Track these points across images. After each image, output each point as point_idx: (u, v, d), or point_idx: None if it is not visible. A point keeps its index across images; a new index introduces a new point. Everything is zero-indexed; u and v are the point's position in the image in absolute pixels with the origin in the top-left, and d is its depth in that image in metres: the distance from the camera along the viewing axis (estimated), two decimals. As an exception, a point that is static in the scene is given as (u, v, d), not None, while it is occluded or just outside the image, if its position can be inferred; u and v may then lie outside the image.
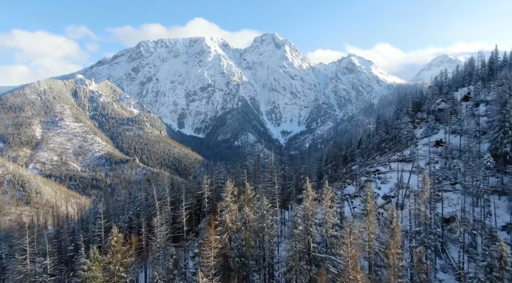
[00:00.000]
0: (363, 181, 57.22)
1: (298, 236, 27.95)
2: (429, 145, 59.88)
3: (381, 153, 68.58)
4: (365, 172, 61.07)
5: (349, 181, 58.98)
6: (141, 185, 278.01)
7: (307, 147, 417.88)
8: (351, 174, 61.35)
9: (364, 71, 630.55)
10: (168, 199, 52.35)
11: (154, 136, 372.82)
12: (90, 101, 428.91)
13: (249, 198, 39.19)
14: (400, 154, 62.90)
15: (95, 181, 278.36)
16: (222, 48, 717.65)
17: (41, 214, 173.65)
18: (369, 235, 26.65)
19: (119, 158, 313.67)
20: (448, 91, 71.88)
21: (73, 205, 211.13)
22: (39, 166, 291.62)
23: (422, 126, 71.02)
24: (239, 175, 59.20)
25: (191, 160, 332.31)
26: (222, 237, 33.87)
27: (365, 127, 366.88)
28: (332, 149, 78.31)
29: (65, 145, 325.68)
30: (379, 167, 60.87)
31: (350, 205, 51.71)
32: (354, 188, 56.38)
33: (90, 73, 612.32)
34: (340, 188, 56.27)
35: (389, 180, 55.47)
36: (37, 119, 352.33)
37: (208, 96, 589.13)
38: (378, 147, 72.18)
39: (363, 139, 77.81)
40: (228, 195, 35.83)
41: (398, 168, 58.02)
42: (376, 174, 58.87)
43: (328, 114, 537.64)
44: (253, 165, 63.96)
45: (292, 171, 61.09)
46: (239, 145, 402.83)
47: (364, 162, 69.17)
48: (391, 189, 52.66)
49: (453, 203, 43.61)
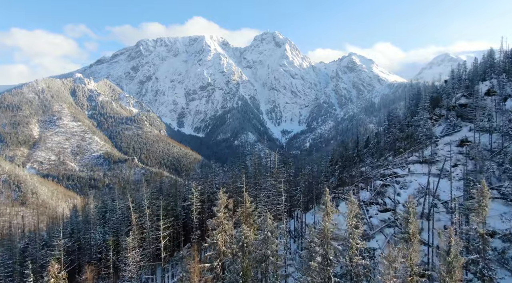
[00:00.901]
0: (379, 185, 51.51)
1: (314, 269, 20.56)
2: (451, 144, 53.94)
3: (394, 154, 63.10)
4: (380, 175, 55.47)
5: (362, 185, 53.37)
6: (140, 184, 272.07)
7: (308, 146, 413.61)
8: (364, 177, 55.41)
9: (365, 70, 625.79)
10: (146, 213, 43.10)
11: (153, 135, 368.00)
12: (88, 100, 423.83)
13: (248, 212, 30.87)
14: (418, 155, 57.15)
15: (93, 181, 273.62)
16: (222, 47, 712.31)
17: (36, 214, 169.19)
18: (411, 268, 20.11)
19: (118, 157, 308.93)
20: (469, 85, 66.13)
21: (70, 205, 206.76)
22: (36, 166, 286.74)
23: (441, 124, 65.01)
24: (237, 180, 52.64)
25: (190, 159, 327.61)
26: (213, 265, 26.99)
27: (366, 126, 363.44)
28: (338, 148, 73.13)
29: (63, 144, 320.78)
30: (396, 170, 55.26)
31: (365, 213, 45.86)
32: (369, 193, 50.40)
33: (89, 72, 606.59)
34: (353, 193, 49.32)
35: (409, 185, 49.74)
36: (35, 118, 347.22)
37: (208, 95, 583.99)
38: (392, 146, 66.30)
39: (370, 138, 72.31)
40: (221, 210, 27.91)
41: (418, 171, 52.66)
42: (393, 177, 53.04)
43: (329, 113, 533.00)
44: (253, 166, 57.61)
45: (299, 174, 54.80)
46: (239, 144, 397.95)
47: (374, 163, 63.94)
48: (413, 196, 44.93)
49: (491, 215, 38.23)
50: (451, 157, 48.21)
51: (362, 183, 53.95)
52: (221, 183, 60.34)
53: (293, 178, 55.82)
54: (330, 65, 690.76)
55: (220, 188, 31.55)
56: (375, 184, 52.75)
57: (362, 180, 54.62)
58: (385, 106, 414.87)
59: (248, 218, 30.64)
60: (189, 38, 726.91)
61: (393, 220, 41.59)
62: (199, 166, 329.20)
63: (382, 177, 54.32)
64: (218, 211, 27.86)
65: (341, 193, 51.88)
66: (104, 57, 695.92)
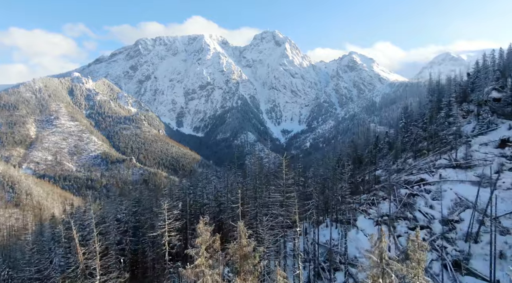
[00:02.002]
0: (404, 195, 43.78)
1: None
2: (488, 145, 46.82)
3: (415, 155, 55.64)
4: (404, 181, 47.33)
5: (382, 194, 45.72)
6: (138, 185, 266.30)
7: (308, 146, 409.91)
8: (383, 185, 48.24)
9: (365, 69, 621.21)
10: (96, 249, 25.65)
11: (152, 135, 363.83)
12: (86, 100, 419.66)
13: (244, 253, 20.21)
14: (449, 158, 48.54)
15: (90, 182, 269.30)
16: (221, 46, 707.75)
17: (30, 217, 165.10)
18: None
19: (116, 157, 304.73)
20: (499, 77, 58.68)
21: (66, 207, 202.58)
22: (32, 166, 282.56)
23: (471, 121, 56.84)
24: (234, 191, 43.53)
25: (189, 159, 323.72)
26: None
27: (367, 126, 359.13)
28: (345, 149, 67.53)
29: (60, 144, 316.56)
30: (423, 175, 46.83)
31: (391, 232, 37.36)
32: (393, 205, 42.39)
33: (88, 71, 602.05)
34: (372, 203, 42.63)
35: (443, 195, 41.26)
36: (32, 117, 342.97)
37: (207, 95, 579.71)
38: (412, 147, 58.99)
39: (380, 138, 66.20)
40: (201, 252, 18.11)
41: (451, 177, 44.21)
42: (421, 185, 44.96)
43: (329, 113, 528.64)
44: (252, 176, 45.87)
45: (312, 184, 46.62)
46: (239, 144, 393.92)
47: (390, 165, 57.24)
48: (451, 209, 38.63)
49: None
50: (491, 160, 41.56)
51: (382, 191, 46.56)
52: (214, 192, 52.46)
53: (303, 188, 47.20)
54: (331, 64, 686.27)
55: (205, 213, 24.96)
56: (399, 193, 44.87)
57: (381, 187, 47.23)
58: (386, 105, 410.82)
59: (244, 261, 20.34)
60: (188, 37, 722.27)
61: (429, 242, 33.89)
62: (198, 166, 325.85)
63: (407, 185, 46.41)
64: (198, 255, 18.04)
65: (357, 203, 45.19)
66: (102, 56, 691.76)
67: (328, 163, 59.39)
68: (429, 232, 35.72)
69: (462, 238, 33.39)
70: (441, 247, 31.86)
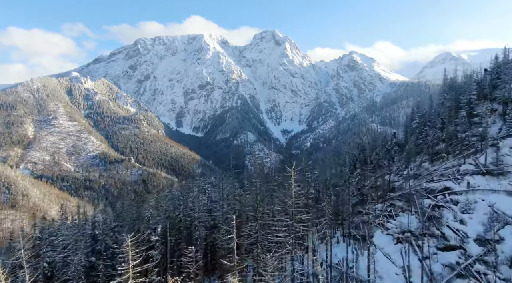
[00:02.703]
0: (428, 206, 37.87)
1: None
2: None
3: (431, 159, 50.06)
4: (425, 190, 41.41)
5: (400, 205, 39.72)
6: (137, 186, 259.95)
7: (308, 146, 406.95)
8: (401, 193, 42.16)
9: (366, 69, 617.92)
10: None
11: (151, 135, 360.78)
12: (85, 99, 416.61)
13: None
14: (474, 162, 42.73)
15: (88, 182, 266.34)
16: (221, 45, 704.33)
17: (26, 219, 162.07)
18: None
19: (114, 158, 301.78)
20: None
21: (63, 208, 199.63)
22: (30, 167, 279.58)
23: (496, 121, 51.41)
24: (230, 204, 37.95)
25: (188, 160, 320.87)
26: None
27: (368, 125, 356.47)
28: (351, 150, 62.76)
29: (58, 144, 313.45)
30: (447, 183, 41.01)
31: (417, 253, 31.58)
32: (415, 218, 36.77)
33: (87, 71, 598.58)
34: (389, 216, 36.72)
35: (474, 208, 35.88)
36: (30, 117, 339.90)
37: (207, 94, 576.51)
38: (428, 150, 53.20)
39: (387, 139, 62.04)
40: None
41: (481, 186, 38.43)
42: (445, 194, 39.11)
43: (330, 113, 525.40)
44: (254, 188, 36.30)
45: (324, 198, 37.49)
46: (239, 144, 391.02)
47: (402, 170, 51.61)
48: (486, 225, 32.66)
49: None
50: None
51: (399, 200, 40.72)
52: (207, 203, 44.97)
53: (314, 202, 39.92)
54: (331, 64, 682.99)
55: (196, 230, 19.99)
56: (421, 203, 38.88)
57: (398, 196, 41.60)
58: (387, 105, 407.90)
59: None
60: (187, 36, 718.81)
61: (465, 266, 28.69)
62: (197, 166, 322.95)
63: (429, 194, 40.29)
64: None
65: (369, 214, 38.57)
66: (101, 56, 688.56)
67: (332, 166, 55.44)
68: (463, 254, 30.53)
69: (506, 262, 27.97)
70: (480, 273, 27.01)
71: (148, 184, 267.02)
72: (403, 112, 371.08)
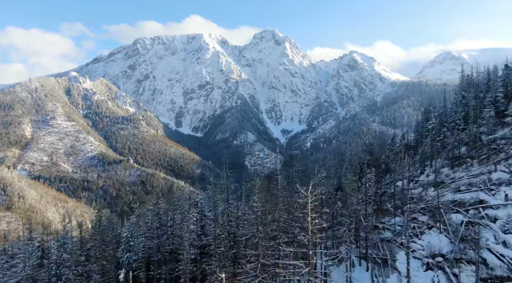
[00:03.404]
0: (460, 223, 31.50)
1: None
2: None
3: (452, 164, 44.60)
4: (452, 202, 35.19)
5: (425, 220, 33.74)
6: (135, 186, 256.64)
7: (309, 146, 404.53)
8: (425, 206, 35.96)
9: (366, 68, 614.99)
10: None
11: (150, 135, 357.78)
12: (83, 99, 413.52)
13: None
14: (508, 170, 36.95)
15: (86, 183, 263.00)
16: (220, 45, 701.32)
17: (22, 220, 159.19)
18: None
19: (113, 158, 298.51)
20: None
21: (60, 210, 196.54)
22: (27, 167, 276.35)
23: None
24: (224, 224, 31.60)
25: (188, 160, 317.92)
26: None
27: (369, 126, 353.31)
28: (358, 152, 58.04)
29: (56, 145, 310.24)
30: (480, 194, 34.81)
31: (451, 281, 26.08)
32: (444, 237, 30.84)
33: (86, 71, 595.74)
34: (414, 233, 30.99)
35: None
36: (28, 118, 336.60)
37: (207, 94, 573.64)
38: (448, 154, 47.92)
39: (395, 139, 58.20)
40: None
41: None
42: (478, 208, 32.66)
43: (330, 112, 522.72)
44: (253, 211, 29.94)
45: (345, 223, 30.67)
46: (238, 144, 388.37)
47: (416, 176, 46.27)
48: None
49: None
50: None
51: (421, 214, 34.90)
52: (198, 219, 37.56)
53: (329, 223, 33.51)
54: (331, 64, 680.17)
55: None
56: (450, 219, 32.44)
57: (421, 209, 35.77)
58: (387, 104, 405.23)
59: None
60: (187, 36, 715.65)
61: None
62: (197, 166, 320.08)
63: (458, 207, 33.88)
64: None
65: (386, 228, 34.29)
66: (100, 55, 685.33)
67: (335, 168, 51.70)
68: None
69: None
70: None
71: (147, 185, 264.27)
72: (404, 112, 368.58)
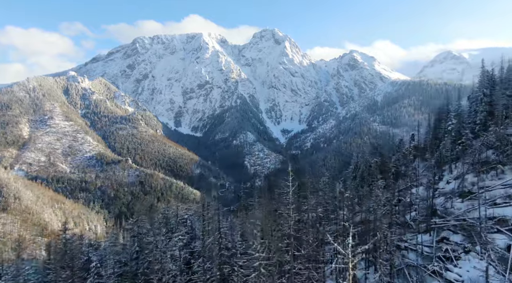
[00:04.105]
0: (508, 248, 25.54)
1: None
2: None
3: (477, 170, 37.67)
4: (491, 219, 28.85)
5: (460, 241, 28.42)
6: (134, 187, 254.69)
7: (309, 146, 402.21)
8: (456, 223, 30.33)
9: (366, 68, 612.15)
10: None
11: (149, 135, 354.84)
12: (82, 99, 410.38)
13: None
14: None
15: (84, 183, 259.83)
16: (220, 45, 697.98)
17: (18, 222, 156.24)
18: None
19: (111, 158, 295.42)
20: None
21: (57, 211, 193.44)
22: (25, 168, 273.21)
23: None
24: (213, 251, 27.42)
25: (187, 160, 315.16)
26: None
27: (369, 125, 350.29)
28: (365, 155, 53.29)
29: (54, 145, 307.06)
30: None
31: None
32: (487, 263, 23.69)
33: (85, 70, 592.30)
34: (447, 258, 25.68)
35: None
36: (25, 117, 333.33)
37: (206, 94, 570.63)
38: (473, 159, 41.35)
39: (404, 141, 53.78)
40: None
41: None
42: None
43: (330, 112, 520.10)
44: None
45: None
46: (238, 144, 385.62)
47: (435, 182, 40.23)
48: None
49: None
50: None
51: (452, 231, 29.41)
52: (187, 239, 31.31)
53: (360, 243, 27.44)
54: (331, 63, 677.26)
55: None
56: (492, 241, 26.11)
57: (451, 226, 30.30)
58: (388, 104, 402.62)
59: None
60: (186, 35, 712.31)
61: None
62: (196, 167, 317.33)
63: (499, 225, 27.96)
64: None
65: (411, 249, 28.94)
66: (99, 55, 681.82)
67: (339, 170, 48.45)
68: None
69: None
70: None
71: (146, 185, 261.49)
72: (405, 112, 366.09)
